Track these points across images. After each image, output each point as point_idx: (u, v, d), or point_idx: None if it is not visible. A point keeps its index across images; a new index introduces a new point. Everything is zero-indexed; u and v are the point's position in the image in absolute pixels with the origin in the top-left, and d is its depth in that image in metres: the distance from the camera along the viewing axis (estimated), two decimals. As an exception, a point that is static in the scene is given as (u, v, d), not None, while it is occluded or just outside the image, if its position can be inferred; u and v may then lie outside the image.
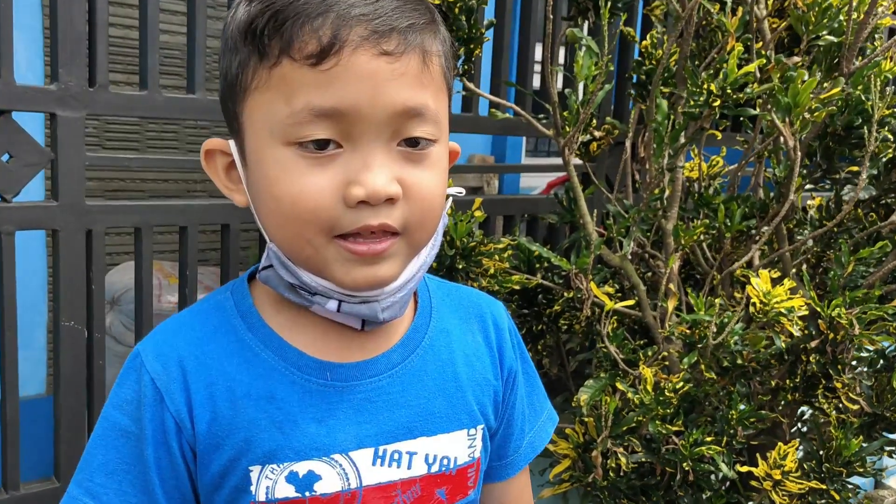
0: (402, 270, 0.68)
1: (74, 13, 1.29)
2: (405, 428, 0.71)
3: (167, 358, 0.68)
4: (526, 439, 0.83)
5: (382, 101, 0.61)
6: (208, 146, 0.70)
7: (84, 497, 0.67)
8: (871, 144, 1.38)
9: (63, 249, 1.34)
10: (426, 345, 0.74)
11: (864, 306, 1.39)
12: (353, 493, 0.68)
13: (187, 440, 0.67)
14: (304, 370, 0.69)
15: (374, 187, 0.61)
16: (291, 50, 0.61)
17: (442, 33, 0.67)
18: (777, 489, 1.44)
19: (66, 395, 1.38)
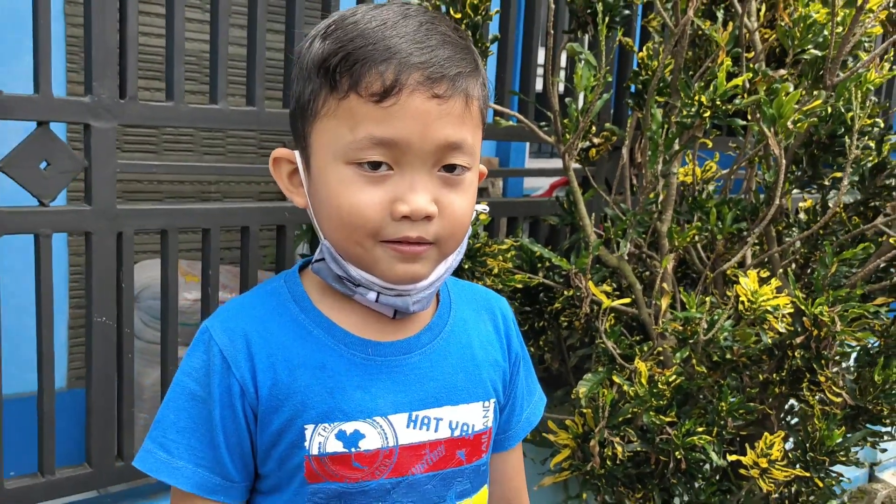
0: (433, 271, 0.80)
1: (106, 29, 1.39)
2: (433, 397, 0.83)
3: (234, 332, 0.80)
4: (524, 415, 0.97)
5: (430, 136, 0.74)
6: (277, 154, 0.83)
7: (158, 450, 0.78)
8: (852, 152, 1.47)
9: (95, 251, 1.43)
10: (448, 330, 0.87)
11: (846, 304, 1.48)
12: (391, 451, 0.81)
13: (250, 403, 0.79)
14: (350, 346, 0.81)
15: (416, 206, 0.74)
16: (359, 88, 0.73)
17: (482, 78, 0.79)
18: (764, 477, 1.53)
19: (97, 386, 1.47)
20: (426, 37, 0.74)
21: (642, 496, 1.75)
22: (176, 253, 1.54)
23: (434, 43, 0.74)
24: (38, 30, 1.33)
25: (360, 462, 0.80)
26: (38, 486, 1.44)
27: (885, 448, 1.77)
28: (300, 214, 1.69)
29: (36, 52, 1.34)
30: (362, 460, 0.80)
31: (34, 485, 1.44)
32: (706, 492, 1.66)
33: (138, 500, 1.59)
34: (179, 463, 0.78)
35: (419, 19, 0.76)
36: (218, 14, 1.51)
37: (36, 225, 1.37)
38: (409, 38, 0.73)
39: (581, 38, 1.79)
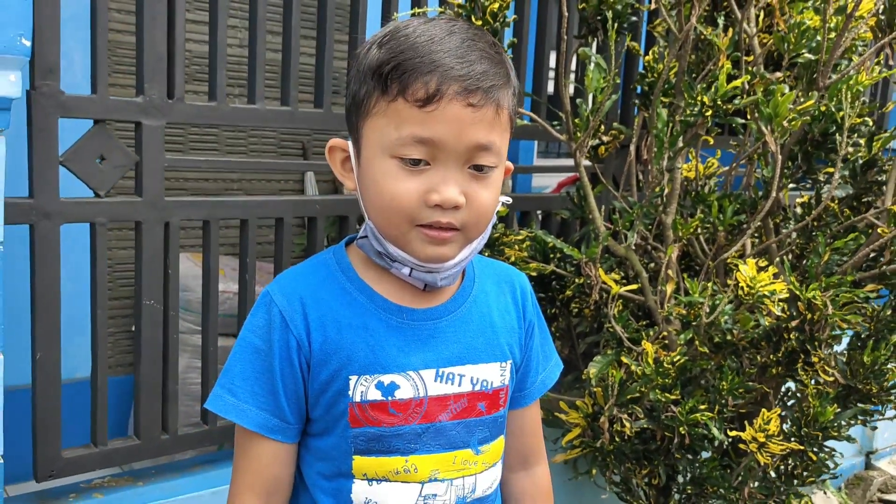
0: (459, 253, 0.93)
1: (156, 35, 1.51)
2: (457, 356, 0.97)
3: (291, 296, 0.93)
4: (539, 377, 1.10)
5: (464, 138, 0.86)
6: (333, 143, 0.96)
7: (226, 394, 0.93)
8: (843, 149, 1.59)
9: (145, 239, 1.55)
10: (471, 300, 1.00)
11: (838, 290, 1.60)
12: (421, 400, 0.94)
13: (304, 356, 0.92)
14: (388, 311, 0.95)
15: (447, 196, 0.86)
16: (406, 93, 0.85)
17: (513, 89, 0.92)
18: (762, 450, 1.64)
19: (145, 364, 1.59)
20: (467, 52, 0.86)
21: (648, 472, 1.87)
22: (217, 242, 1.66)
23: (473, 58, 0.86)
24: (96, 36, 1.46)
25: (395, 409, 0.93)
26: (91, 455, 1.56)
27: (875, 426, 1.88)
28: (329, 207, 1.81)
29: (94, 56, 1.47)
30: (397, 407, 0.93)
31: (88, 454, 1.56)
32: (708, 466, 1.78)
33: (181, 471, 1.71)
34: (244, 406, 0.92)
35: (462, 36, 0.88)
36: (256, 22, 1.63)
37: (93, 214, 1.49)
38: (452, 53, 0.85)
39: (590, 42, 1.91)
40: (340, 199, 1.85)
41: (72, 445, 1.58)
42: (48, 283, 1.46)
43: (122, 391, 2.72)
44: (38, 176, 1.42)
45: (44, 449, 1.50)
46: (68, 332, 1.71)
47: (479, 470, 0.99)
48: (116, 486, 1.64)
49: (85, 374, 1.60)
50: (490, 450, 1.00)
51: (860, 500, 3.24)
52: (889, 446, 3.54)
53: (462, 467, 0.97)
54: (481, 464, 0.99)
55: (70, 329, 1.72)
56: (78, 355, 1.87)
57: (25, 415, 1.48)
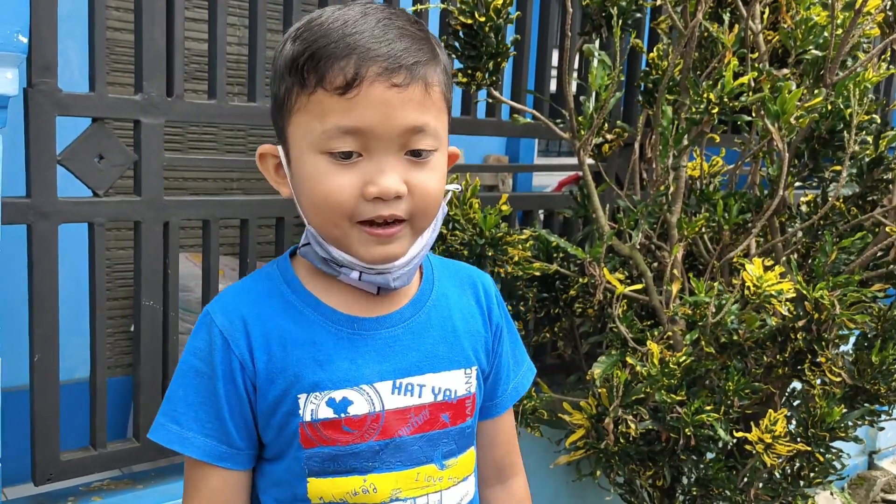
0: (409, 249, 0.87)
1: (155, 33, 1.49)
2: (416, 366, 0.91)
3: (232, 315, 0.87)
4: (511, 384, 1.04)
5: (393, 122, 0.80)
6: (262, 150, 0.90)
7: (169, 423, 0.87)
8: (850, 147, 1.57)
9: (144, 239, 1.53)
10: (430, 305, 0.94)
11: (845, 289, 1.58)
12: (378, 415, 0.88)
13: (249, 377, 0.87)
14: (337, 323, 0.89)
15: (385, 186, 0.80)
16: (324, 83, 0.80)
17: (442, 64, 0.87)
18: (768, 452, 1.63)
19: (145, 366, 1.57)
20: (384, 32, 0.81)
21: (653, 473, 1.85)
22: (217, 242, 1.64)
23: (392, 36, 0.81)
24: (94, 33, 1.44)
25: (349, 426, 0.87)
26: (90, 458, 1.54)
27: (882, 427, 1.87)
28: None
29: (91, 53, 1.45)
30: (352, 424, 0.87)
31: (87, 457, 1.54)
32: (713, 467, 1.76)
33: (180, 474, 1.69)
34: (189, 434, 0.86)
35: (377, 16, 0.82)
36: (256, 19, 1.61)
37: (91, 214, 1.47)
38: (368, 34, 0.80)
39: (594, 39, 1.89)
40: (342, 198, 1.83)
41: (70, 448, 1.56)
42: (46, 283, 1.44)
43: (121, 392, 2.70)
44: (36, 175, 1.40)
45: (42, 451, 1.48)
46: (67, 333, 1.69)
47: (445, 486, 0.93)
48: (115, 489, 1.62)
49: (84, 375, 1.58)
50: (458, 464, 0.94)
51: (863, 500, 3.23)
52: (892, 446, 3.53)
53: (426, 484, 0.91)
54: (447, 479, 0.93)
55: (68, 330, 1.71)
56: (76, 356, 1.85)
57: (23, 417, 1.47)
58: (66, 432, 1.52)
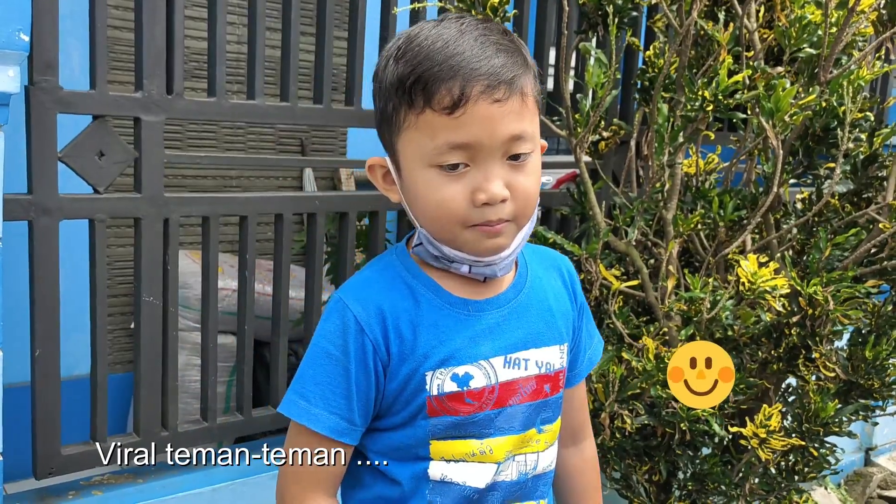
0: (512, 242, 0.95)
1: (156, 30, 1.50)
2: (521, 342, 1.00)
3: (366, 301, 0.96)
4: (587, 356, 1.15)
5: (497, 134, 0.88)
6: (371, 162, 0.99)
7: (299, 400, 0.96)
8: (844, 144, 1.59)
9: (144, 235, 1.55)
10: (528, 287, 1.04)
11: (839, 285, 1.59)
12: (493, 387, 0.98)
13: (381, 359, 0.95)
14: (455, 305, 0.98)
15: (492, 193, 0.89)
16: (432, 103, 0.87)
17: (533, 71, 0.93)
18: (763, 446, 1.64)
19: (144, 361, 1.59)
20: (482, 49, 0.88)
21: (649, 468, 1.86)
22: (217, 239, 1.65)
23: (490, 53, 0.88)
24: (95, 32, 1.45)
25: (470, 398, 0.97)
26: (91, 452, 1.55)
27: (876, 422, 1.88)
28: (329, 203, 1.80)
29: (92, 51, 1.46)
30: (472, 396, 0.97)
31: (88, 451, 1.55)
32: (709, 462, 1.78)
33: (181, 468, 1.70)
34: (316, 410, 0.95)
35: (474, 34, 0.89)
36: (256, 17, 1.63)
37: (92, 211, 1.48)
38: (469, 53, 0.87)
39: (590, 38, 1.91)
40: (340, 195, 1.85)
41: (72, 443, 1.57)
42: (47, 279, 1.45)
43: (121, 389, 2.71)
44: (37, 172, 1.42)
45: (43, 446, 1.49)
46: (67, 329, 1.70)
47: (542, 448, 1.04)
48: (116, 483, 1.63)
49: (84, 371, 1.60)
50: (551, 429, 1.05)
51: (860, 497, 3.25)
52: (888, 443, 3.54)
53: (527, 445, 1.02)
54: (543, 442, 1.04)
55: (69, 326, 1.72)
56: (77, 352, 1.87)
57: (25, 412, 1.48)
58: (67, 428, 1.53)
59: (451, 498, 0.98)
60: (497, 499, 1.01)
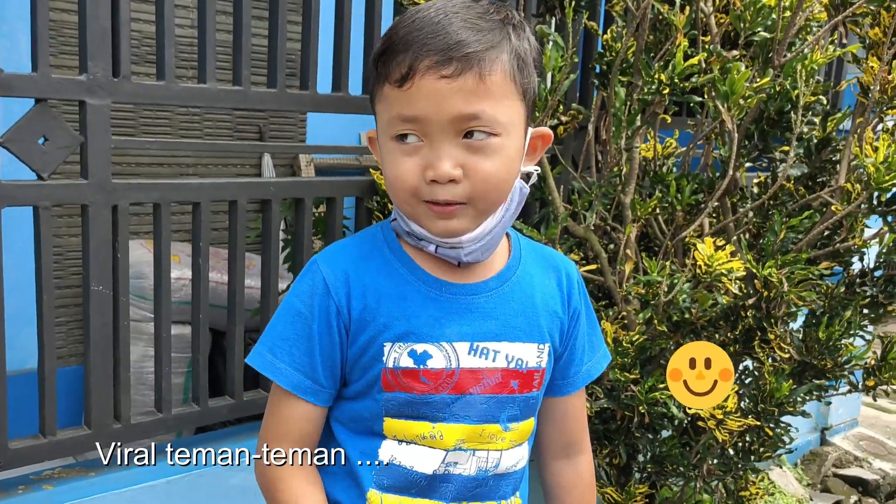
0: (473, 227, 0.93)
1: (100, 11, 1.45)
2: (493, 333, 0.99)
3: (336, 266, 0.98)
4: (584, 367, 1.11)
5: (444, 111, 0.87)
6: (369, 134, 1.00)
7: (266, 353, 0.97)
8: (797, 128, 1.60)
9: (92, 223, 1.50)
10: (514, 280, 1.02)
11: (793, 267, 1.61)
12: (453, 371, 0.97)
13: (343, 322, 0.96)
14: (427, 283, 0.98)
15: (439, 171, 0.88)
16: (389, 77, 0.90)
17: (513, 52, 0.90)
18: (720, 427, 1.66)
19: (94, 353, 1.55)
20: (444, 27, 0.87)
21: (609, 452, 1.87)
22: (169, 227, 1.62)
23: (453, 30, 0.87)
24: (37, 12, 1.40)
25: (426, 377, 0.96)
26: (40, 446, 1.51)
27: (829, 401, 1.91)
28: (284, 189, 1.77)
29: (34, 32, 1.41)
30: (428, 376, 0.96)
31: (36, 445, 1.51)
32: (668, 444, 1.79)
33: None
34: (281, 365, 0.96)
35: (447, 11, 0.89)
36: (206, 0, 1.59)
37: (36, 197, 1.44)
38: (428, 29, 0.87)
39: (548, 21, 1.89)
40: (296, 181, 1.82)
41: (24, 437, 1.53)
42: (-10, 269, 1.41)
43: (77, 381, 2.66)
44: (-23, 157, 1.37)
45: (-11, 440, 1.45)
46: (20, 323, 1.65)
47: (506, 447, 1.01)
48: (67, 477, 1.59)
49: (36, 364, 1.55)
50: (519, 428, 1.02)
51: (815, 476, 3.31)
52: (843, 422, 3.62)
53: (489, 441, 1.00)
54: (508, 441, 1.01)
55: (22, 319, 1.67)
56: (31, 346, 1.81)
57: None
58: (19, 422, 1.49)
59: (398, 481, 0.98)
60: (451, 492, 0.99)
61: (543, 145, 1.01)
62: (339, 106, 1.83)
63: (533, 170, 1.01)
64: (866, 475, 3.28)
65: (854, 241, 1.75)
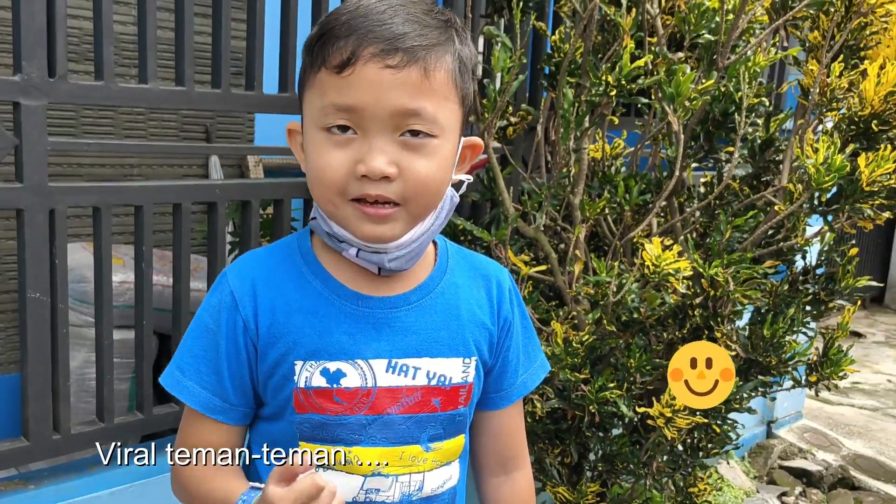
0: (404, 233, 0.89)
1: (35, 8, 1.40)
2: (413, 349, 0.94)
3: (244, 278, 0.92)
4: (519, 379, 1.06)
5: (384, 103, 0.82)
6: (290, 126, 0.94)
7: (175, 370, 0.93)
8: (741, 129, 1.63)
9: (28, 228, 1.45)
10: (438, 291, 0.97)
11: (738, 266, 1.64)
12: (369, 391, 0.92)
13: (251, 338, 0.91)
14: (342, 297, 0.92)
15: (372, 166, 0.83)
16: (326, 62, 0.84)
17: (457, 53, 0.87)
18: (669, 425, 1.68)
19: (32, 361, 1.49)
20: (391, 17, 0.83)
21: (560, 451, 1.88)
22: (109, 231, 1.57)
23: (397, 21, 0.83)
24: (-34, 8, 1.34)
25: (340, 397, 0.91)
26: (-26, 460, 1.46)
27: (774, 397, 1.95)
28: (231, 191, 1.74)
29: (-37, 30, 1.35)
30: (342, 396, 0.91)
31: (-29, 459, 1.46)
32: (618, 443, 1.81)
33: (76, 472, 1.62)
34: (188, 383, 0.92)
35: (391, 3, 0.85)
36: (146, -4, 1.54)
37: (-32, 202, 1.38)
38: (374, 17, 0.83)
39: (497, 21, 1.89)
40: (243, 183, 1.79)
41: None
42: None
43: (16, 389, 2.57)
44: None
45: (-81, 455, 1.39)
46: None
47: (429, 468, 0.96)
48: (5, 490, 1.54)
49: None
50: (443, 448, 0.97)
51: (762, 469, 3.39)
52: (788, 415, 3.71)
53: (410, 463, 0.94)
54: (431, 461, 0.96)
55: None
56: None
57: None
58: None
59: None
60: None
61: (473, 155, 0.96)
62: (286, 107, 1.80)
63: (465, 178, 0.98)
64: (810, 466, 3.36)
65: (797, 239, 1.79)
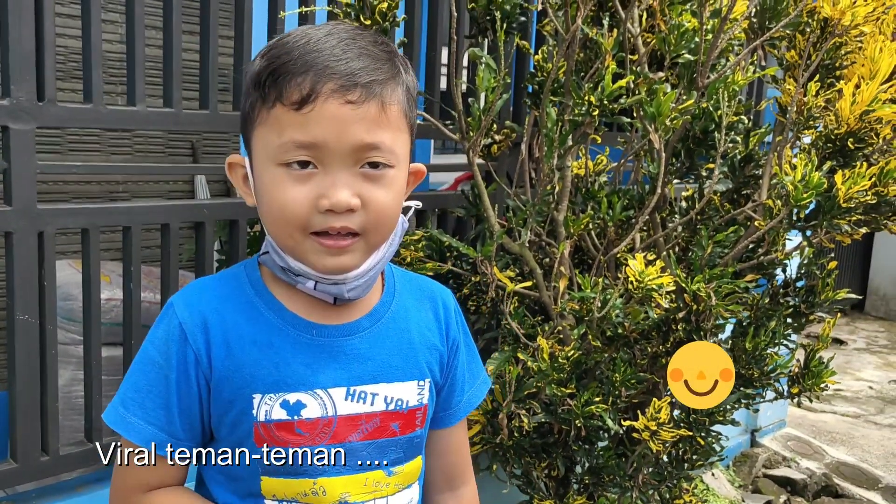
0: (363, 262, 0.90)
1: (23, 33, 1.41)
2: (370, 375, 0.94)
3: (193, 309, 0.90)
4: (465, 396, 1.08)
5: (346, 138, 0.84)
6: (231, 160, 0.94)
7: (119, 406, 0.90)
8: (721, 146, 1.66)
9: (17, 251, 1.46)
10: (389, 317, 0.98)
11: (720, 281, 1.67)
12: (330, 420, 0.91)
13: (203, 372, 0.89)
14: (297, 327, 0.92)
15: (336, 199, 0.84)
16: (282, 98, 0.83)
17: (405, 84, 0.89)
18: (654, 438, 1.70)
19: (21, 383, 1.50)
20: (344, 51, 0.84)
21: (547, 465, 1.90)
22: (98, 252, 1.58)
23: (351, 55, 0.84)
24: (-45, 33, 1.35)
25: (301, 429, 0.90)
26: (-37, 483, 1.46)
27: (757, 409, 1.98)
28: (218, 211, 1.75)
29: (-48, 55, 1.36)
30: (304, 427, 0.90)
31: (-41, 482, 1.46)
32: (604, 456, 1.83)
33: (65, 493, 1.62)
34: (132, 419, 0.89)
35: (340, 36, 0.86)
36: (134, 16, 1.56)
37: (-43, 225, 1.39)
38: (328, 52, 0.84)
39: (481, 42, 1.92)
40: (230, 202, 1.79)
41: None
42: None
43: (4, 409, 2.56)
44: None
45: None
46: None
47: (392, 492, 0.96)
48: (-7, 513, 1.54)
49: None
50: (404, 471, 0.98)
51: (746, 477, 3.42)
52: (771, 423, 3.75)
53: (374, 489, 0.94)
54: (394, 485, 0.96)
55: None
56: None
57: None
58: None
59: None
60: None
61: (415, 181, 0.98)
62: (273, 126, 1.81)
63: (413, 204, 1.00)
64: (794, 475, 3.40)
65: (776, 254, 1.82)
